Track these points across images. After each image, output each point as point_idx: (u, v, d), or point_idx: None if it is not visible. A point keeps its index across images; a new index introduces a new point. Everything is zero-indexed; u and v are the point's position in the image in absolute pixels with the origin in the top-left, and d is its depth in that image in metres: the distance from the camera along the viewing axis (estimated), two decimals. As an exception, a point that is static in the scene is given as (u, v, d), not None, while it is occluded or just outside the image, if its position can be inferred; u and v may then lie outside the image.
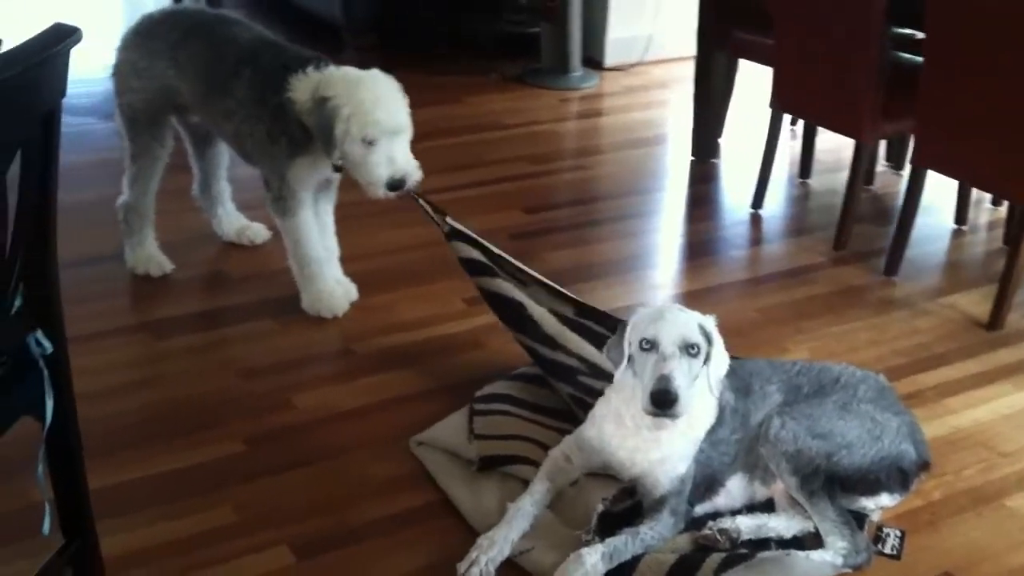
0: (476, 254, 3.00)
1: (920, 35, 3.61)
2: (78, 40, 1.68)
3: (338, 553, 2.38)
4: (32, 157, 1.69)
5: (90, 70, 5.59)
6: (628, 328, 2.35)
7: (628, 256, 3.86)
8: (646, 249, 3.93)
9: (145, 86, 3.37)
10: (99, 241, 3.77)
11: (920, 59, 3.49)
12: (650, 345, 2.28)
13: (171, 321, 3.35)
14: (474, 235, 3.06)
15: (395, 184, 2.99)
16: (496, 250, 3.04)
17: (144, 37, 3.38)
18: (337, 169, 3.12)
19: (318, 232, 3.31)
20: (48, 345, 1.79)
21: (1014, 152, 3.23)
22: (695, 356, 2.29)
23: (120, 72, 3.43)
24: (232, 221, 3.82)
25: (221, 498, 2.54)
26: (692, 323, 2.30)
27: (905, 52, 3.86)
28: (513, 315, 2.93)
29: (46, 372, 1.80)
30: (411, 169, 3.02)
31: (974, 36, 3.25)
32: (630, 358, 2.34)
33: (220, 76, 3.21)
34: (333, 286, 3.36)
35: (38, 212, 1.74)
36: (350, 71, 3.05)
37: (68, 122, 5.26)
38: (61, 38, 1.65)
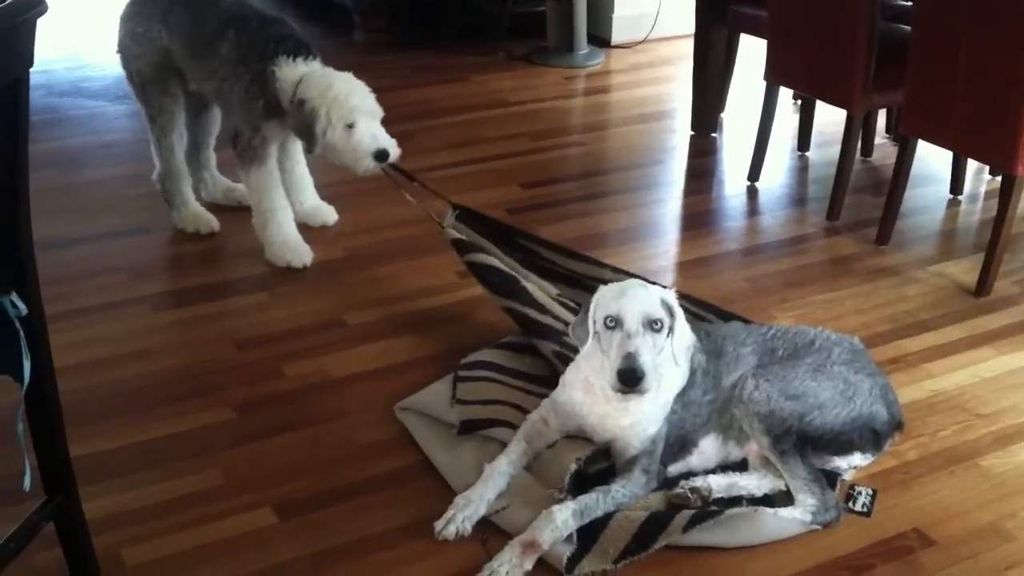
0: (465, 237, 3.14)
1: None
2: (44, 11, 1.74)
3: (320, 513, 2.44)
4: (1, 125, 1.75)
5: (101, 55, 5.70)
6: (592, 306, 2.39)
7: (621, 229, 3.89)
8: (640, 222, 3.96)
9: (146, 51, 3.55)
10: (104, 218, 3.88)
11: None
12: (614, 322, 2.32)
13: (168, 295, 3.43)
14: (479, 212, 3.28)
15: (381, 154, 3.21)
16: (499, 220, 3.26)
17: (139, 5, 3.56)
18: (309, 151, 3.33)
19: (283, 177, 3.54)
20: (23, 307, 1.85)
21: (997, 119, 3.24)
22: (658, 331, 2.33)
23: (123, 42, 3.62)
24: (218, 184, 3.97)
25: (209, 462, 2.61)
26: (654, 298, 2.34)
27: (899, 23, 3.87)
28: (505, 284, 3.01)
29: (22, 333, 1.86)
30: (392, 143, 3.25)
31: (960, 5, 3.25)
32: (596, 335, 2.39)
33: (206, 37, 3.38)
34: (297, 235, 3.52)
35: (8, 178, 1.81)
36: (326, 74, 3.26)
37: (81, 105, 5.37)
38: (27, 8, 1.71)
